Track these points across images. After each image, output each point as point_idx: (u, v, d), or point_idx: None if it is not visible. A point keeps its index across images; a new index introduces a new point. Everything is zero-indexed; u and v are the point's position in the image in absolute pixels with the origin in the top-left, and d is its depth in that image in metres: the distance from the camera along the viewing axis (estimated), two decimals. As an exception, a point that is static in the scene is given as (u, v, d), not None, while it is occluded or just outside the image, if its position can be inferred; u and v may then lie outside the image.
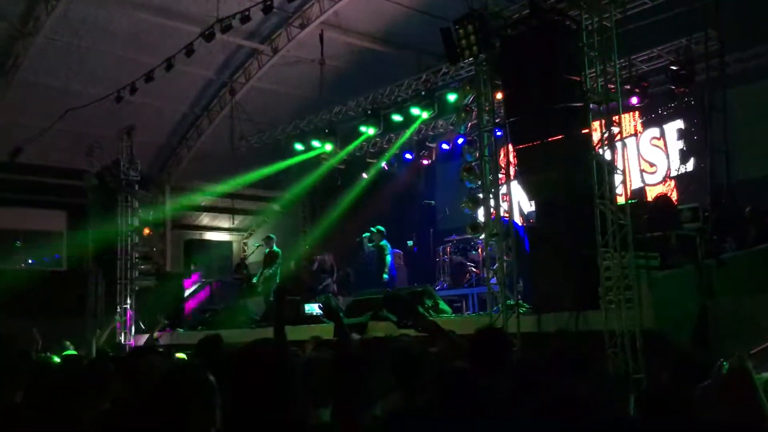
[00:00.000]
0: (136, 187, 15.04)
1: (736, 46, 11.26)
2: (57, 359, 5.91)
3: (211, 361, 3.61)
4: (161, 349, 7.43)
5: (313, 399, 3.00)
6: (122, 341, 14.11)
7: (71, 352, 5.70)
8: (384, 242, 13.80)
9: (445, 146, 16.01)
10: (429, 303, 10.10)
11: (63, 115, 15.18)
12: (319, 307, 7.81)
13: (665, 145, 13.52)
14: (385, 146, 16.68)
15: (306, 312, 10.97)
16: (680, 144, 13.16)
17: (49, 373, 4.20)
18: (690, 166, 12.88)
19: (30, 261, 18.52)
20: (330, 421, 2.95)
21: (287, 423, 2.16)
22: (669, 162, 13.43)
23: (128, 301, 14.80)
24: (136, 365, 3.65)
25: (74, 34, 14.47)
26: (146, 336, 9.58)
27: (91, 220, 15.88)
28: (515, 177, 10.83)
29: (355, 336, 5.51)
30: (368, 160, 17.22)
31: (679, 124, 13.21)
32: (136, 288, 15.02)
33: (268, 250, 15.27)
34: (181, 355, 4.93)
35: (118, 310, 14.66)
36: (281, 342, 4.05)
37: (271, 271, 14.91)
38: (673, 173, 13.34)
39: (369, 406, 2.74)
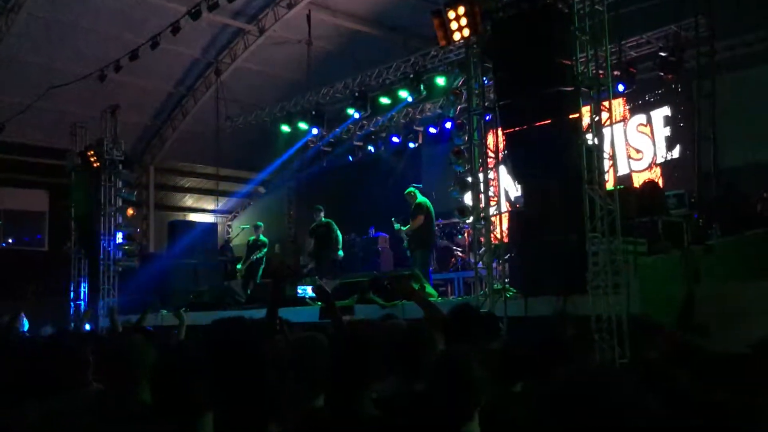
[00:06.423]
0: (120, 167, 14.83)
1: (725, 34, 11.27)
2: None
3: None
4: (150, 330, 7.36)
5: (306, 383, 2.94)
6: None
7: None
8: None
9: (432, 130, 15.96)
10: (416, 287, 10.05)
11: (45, 92, 14.94)
12: (313, 289, 7.78)
13: (652, 131, 13.57)
14: (372, 129, 16.61)
15: (299, 295, 10.94)
16: (667, 131, 13.22)
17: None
18: (676, 153, 12.95)
19: (10, 241, 18.32)
20: (323, 407, 2.89)
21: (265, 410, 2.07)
22: (655, 149, 13.49)
23: (111, 282, 14.66)
24: (122, 345, 3.58)
25: (57, 9, 14.23)
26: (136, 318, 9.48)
27: (74, 200, 15.67)
28: (503, 161, 10.81)
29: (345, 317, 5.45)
30: (355, 143, 17.14)
31: (666, 111, 13.25)
32: (119, 269, 14.87)
33: (253, 237, 15.13)
34: None
35: (101, 290, 14.51)
36: (272, 324, 4.01)
37: (255, 257, 14.80)
38: (659, 160, 13.40)
39: (366, 390, 2.69)
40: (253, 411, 2.05)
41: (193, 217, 20.51)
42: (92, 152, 14.66)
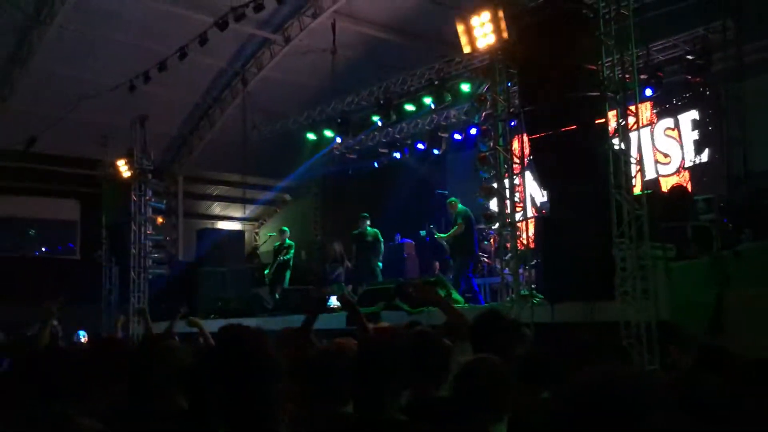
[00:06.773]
0: (150, 176, 15.07)
1: (753, 36, 11.13)
2: None
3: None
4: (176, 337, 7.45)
5: (334, 389, 2.97)
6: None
7: None
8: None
9: (457, 136, 15.95)
10: (442, 293, 10.08)
11: (77, 104, 15.21)
12: (338, 298, 7.84)
13: (679, 135, 13.42)
14: (397, 136, 16.66)
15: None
16: (695, 135, 13.07)
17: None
18: (704, 156, 12.80)
19: (44, 249, 18.68)
20: (353, 413, 2.91)
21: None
22: (683, 153, 13.34)
23: (141, 289, 14.87)
24: (156, 349, 3.65)
25: (87, 22, 14.47)
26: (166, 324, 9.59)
27: (105, 209, 15.94)
28: (529, 167, 10.78)
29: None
30: (380, 150, 17.19)
31: (694, 114, 13.10)
32: (149, 276, 15.08)
33: (279, 243, 15.23)
34: None
35: (132, 298, 14.72)
36: (305, 331, 4.07)
37: (282, 258, 14.90)
38: (687, 164, 13.26)
39: (395, 398, 2.71)
40: (258, 418, 2.09)
41: (220, 224, 20.72)
42: (123, 162, 14.93)
